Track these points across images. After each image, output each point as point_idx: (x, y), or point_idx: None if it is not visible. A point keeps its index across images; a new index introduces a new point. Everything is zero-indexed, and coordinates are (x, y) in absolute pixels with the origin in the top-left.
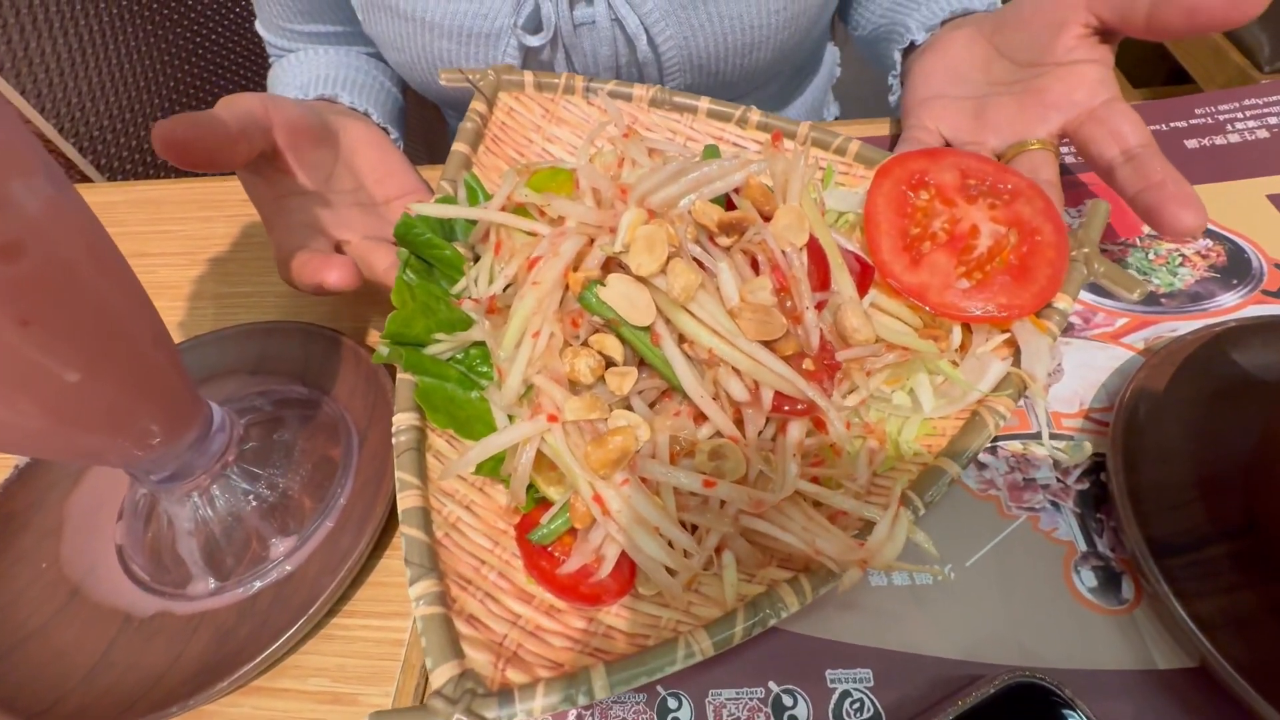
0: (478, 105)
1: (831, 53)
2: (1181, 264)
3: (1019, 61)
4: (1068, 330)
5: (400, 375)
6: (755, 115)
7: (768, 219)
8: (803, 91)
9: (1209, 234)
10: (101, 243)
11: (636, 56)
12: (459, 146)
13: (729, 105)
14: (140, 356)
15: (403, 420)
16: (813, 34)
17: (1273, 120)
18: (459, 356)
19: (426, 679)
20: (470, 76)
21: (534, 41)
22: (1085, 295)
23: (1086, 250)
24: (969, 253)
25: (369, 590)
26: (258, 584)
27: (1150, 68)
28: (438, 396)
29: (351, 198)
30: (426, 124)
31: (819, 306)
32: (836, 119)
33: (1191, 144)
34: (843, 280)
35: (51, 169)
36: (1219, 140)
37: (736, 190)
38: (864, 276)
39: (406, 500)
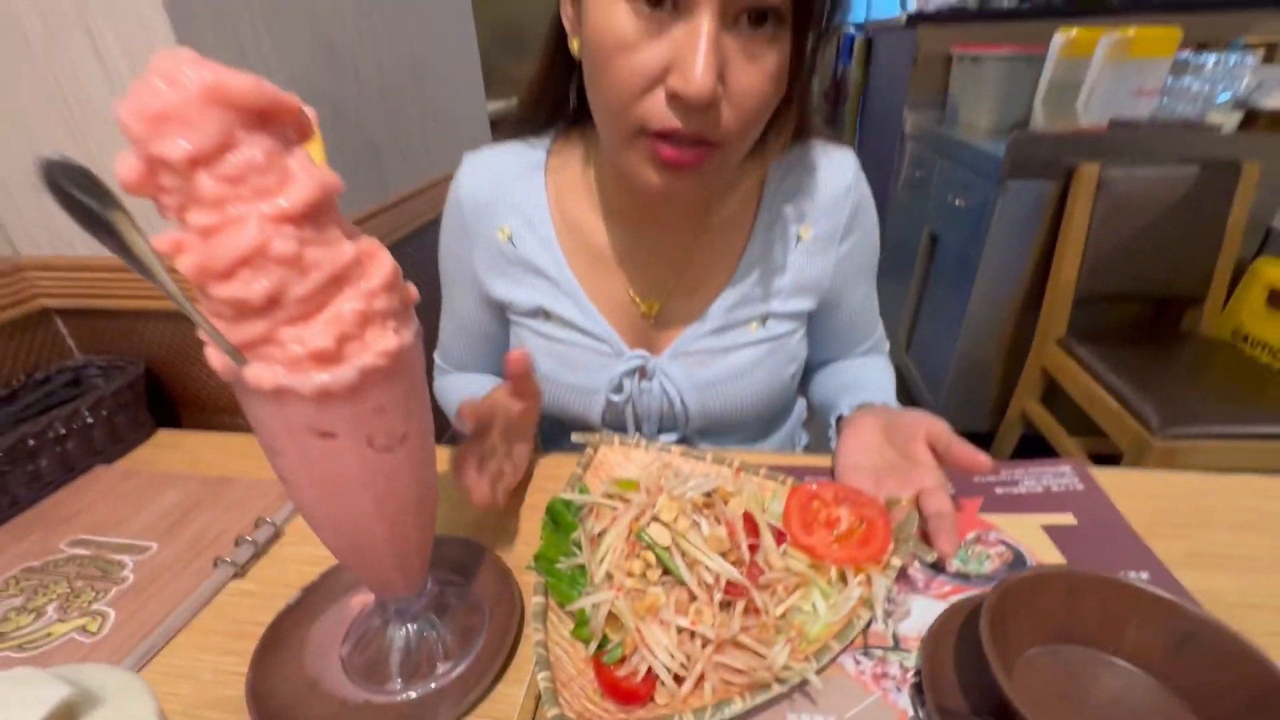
0: (590, 452)
1: (800, 403)
2: (986, 559)
3: (897, 449)
4: (915, 590)
5: (536, 579)
6: (736, 458)
7: (726, 503)
8: (778, 428)
9: (1003, 542)
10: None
11: (673, 410)
12: (577, 471)
13: (720, 453)
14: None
15: (538, 601)
16: (782, 401)
17: (1045, 483)
18: (569, 571)
19: None
20: (587, 437)
21: (616, 399)
22: (925, 571)
23: (902, 534)
24: (836, 529)
25: (488, 704)
26: (433, 686)
27: (1079, 421)
28: (558, 587)
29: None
30: None
31: (752, 549)
32: (806, 447)
33: (1000, 490)
34: (766, 536)
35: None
36: (1014, 490)
37: (713, 490)
38: (780, 538)
39: (538, 635)
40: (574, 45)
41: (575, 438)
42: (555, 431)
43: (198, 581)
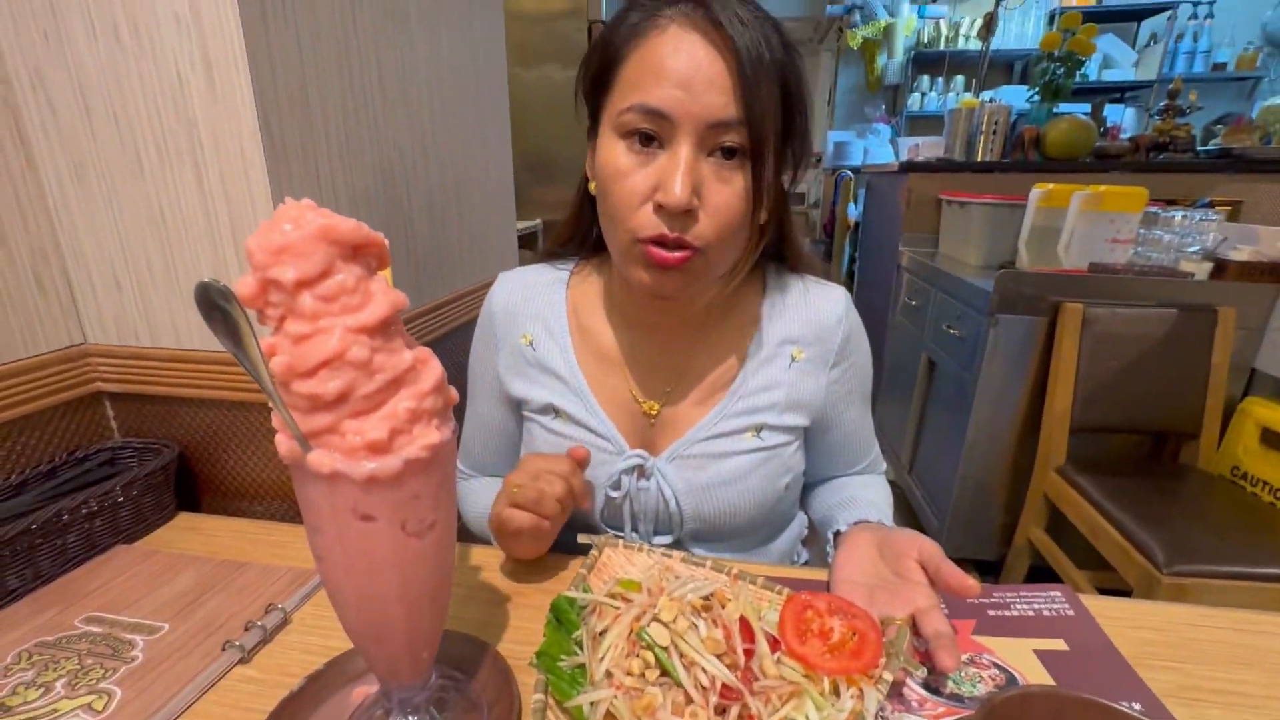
0: (595, 553)
1: (800, 518)
2: (979, 681)
3: (889, 566)
4: (909, 710)
5: (537, 677)
6: (734, 566)
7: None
8: (774, 541)
9: (995, 665)
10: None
11: (669, 510)
12: (581, 571)
13: (719, 561)
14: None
15: (538, 699)
16: (778, 511)
17: (1036, 607)
18: (570, 670)
19: None
20: (593, 539)
21: (614, 494)
22: (919, 691)
23: (893, 649)
24: (829, 639)
25: None
26: None
27: (1085, 553)
28: (558, 685)
29: None
30: None
31: (747, 654)
32: (806, 563)
33: (993, 613)
34: (761, 642)
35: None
36: (1007, 613)
37: (711, 594)
38: (775, 646)
39: None
40: (592, 187)
41: (581, 539)
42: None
43: (205, 664)
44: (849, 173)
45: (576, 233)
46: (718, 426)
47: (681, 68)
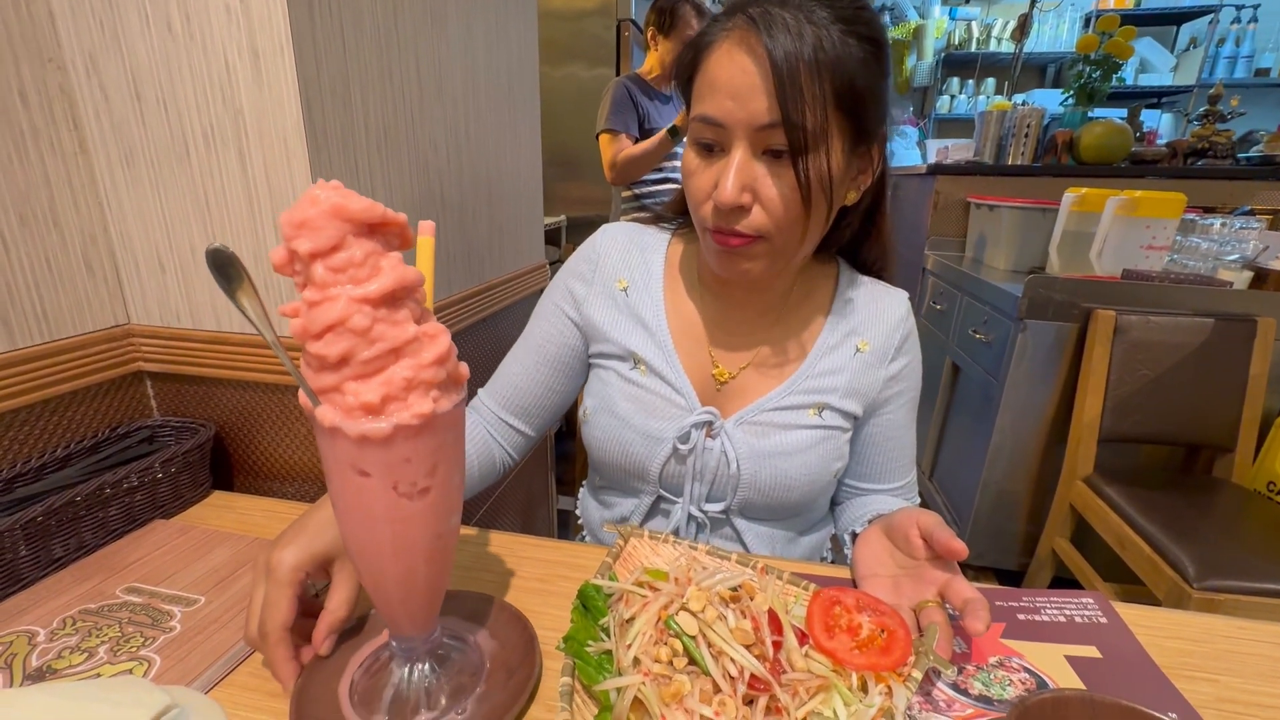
0: (620, 541)
1: (829, 527)
2: (1009, 684)
3: (901, 549)
4: (937, 709)
5: (564, 661)
6: (760, 560)
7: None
8: (809, 535)
9: (1025, 669)
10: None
11: (729, 472)
12: (607, 560)
13: (745, 556)
14: (443, 563)
15: (565, 682)
16: (821, 500)
17: (1068, 613)
18: (597, 656)
19: None
20: (620, 529)
21: (682, 447)
22: (949, 690)
23: (924, 646)
24: (857, 635)
25: None
26: None
27: (1111, 565)
28: (585, 669)
29: None
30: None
31: (776, 646)
32: (832, 561)
33: (1022, 616)
34: (789, 635)
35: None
36: (1037, 617)
37: (739, 585)
38: (802, 639)
39: (563, 714)
40: None
41: (607, 528)
42: (615, 479)
43: (239, 637)
44: None
45: (684, 208)
46: (785, 400)
47: (732, 79)
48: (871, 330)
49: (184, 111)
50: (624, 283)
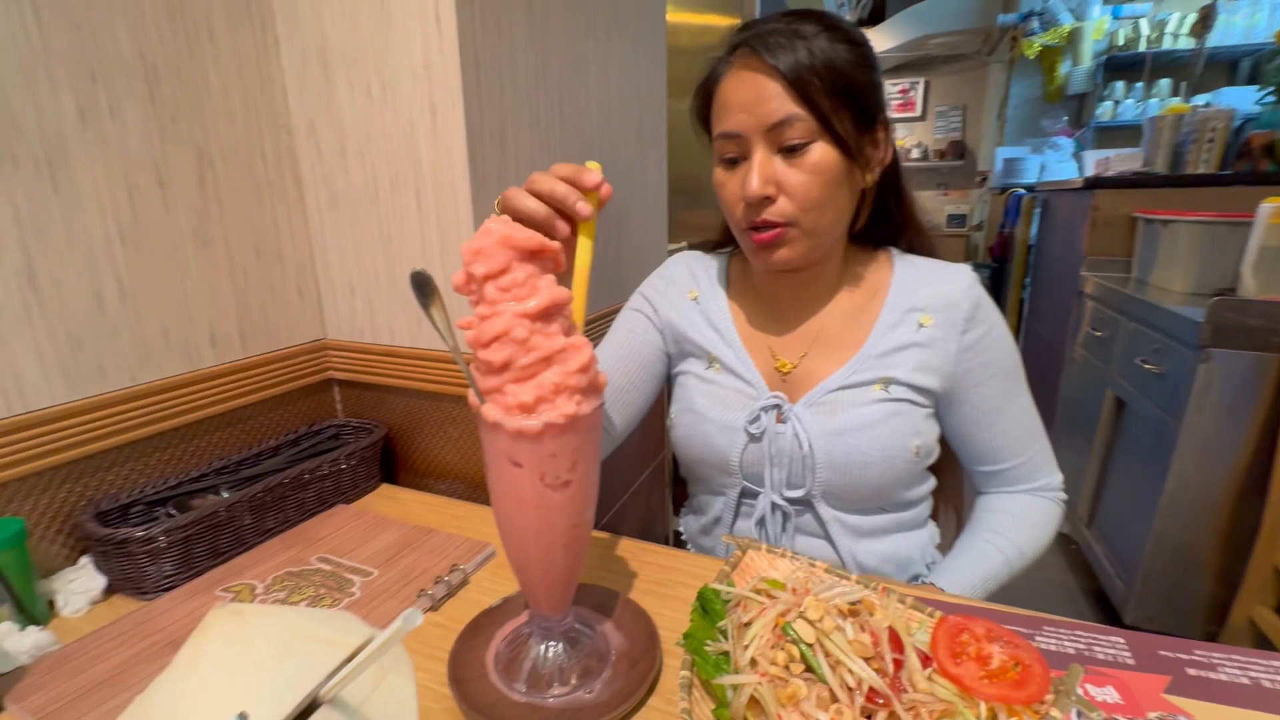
0: (738, 553)
1: (931, 528)
2: None
3: None
4: None
5: (684, 656)
6: (882, 582)
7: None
8: (907, 533)
9: None
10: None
11: (803, 453)
12: (725, 568)
13: (865, 577)
14: (578, 551)
15: (685, 675)
16: (907, 475)
17: (1254, 675)
18: (715, 656)
19: None
20: (738, 540)
21: (754, 430)
22: None
23: (1065, 686)
24: (987, 665)
25: None
26: (550, 700)
27: None
28: (703, 665)
29: None
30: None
31: (896, 664)
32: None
33: (1192, 671)
34: (911, 655)
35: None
36: (1212, 675)
37: (859, 600)
38: (926, 662)
39: (683, 704)
40: None
41: (725, 539)
42: (702, 476)
43: (404, 606)
44: (1024, 191)
45: (727, 235)
46: (849, 379)
47: (741, 94)
48: (934, 304)
49: (376, 162)
50: (694, 293)
